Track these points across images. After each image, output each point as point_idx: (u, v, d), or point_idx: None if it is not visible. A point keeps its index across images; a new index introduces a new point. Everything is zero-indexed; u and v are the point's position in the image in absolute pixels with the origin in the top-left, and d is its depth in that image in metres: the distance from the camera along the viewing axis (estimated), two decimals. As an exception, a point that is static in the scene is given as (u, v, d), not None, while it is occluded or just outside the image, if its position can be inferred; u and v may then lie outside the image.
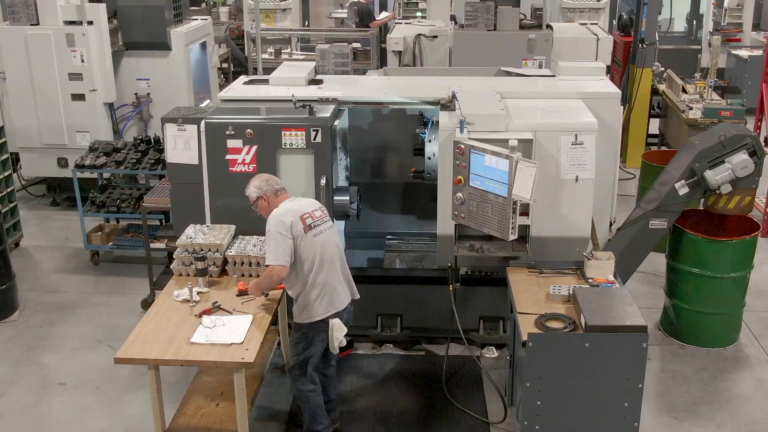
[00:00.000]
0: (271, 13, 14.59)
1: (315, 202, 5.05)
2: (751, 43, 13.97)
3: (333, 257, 4.88)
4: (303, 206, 4.90)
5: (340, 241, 5.07)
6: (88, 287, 7.41)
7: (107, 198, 7.72)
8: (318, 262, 4.79)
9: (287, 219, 4.75)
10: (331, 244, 4.89)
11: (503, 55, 8.12)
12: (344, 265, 5.02)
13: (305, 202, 4.99)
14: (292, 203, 4.92)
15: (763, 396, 5.66)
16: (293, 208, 4.86)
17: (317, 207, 4.99)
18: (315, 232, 4.82)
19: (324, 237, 4.86)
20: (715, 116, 8.88)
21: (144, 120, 9.46)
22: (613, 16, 14.11)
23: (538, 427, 4.60)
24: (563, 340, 4.48)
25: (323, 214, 4.97)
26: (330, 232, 4.94)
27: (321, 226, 4.87)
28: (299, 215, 4.79)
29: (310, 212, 4.87)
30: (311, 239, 4.78)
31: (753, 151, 5.75)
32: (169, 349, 4.52)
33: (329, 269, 4.85)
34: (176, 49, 9.27)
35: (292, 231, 4.72)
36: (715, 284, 6.10)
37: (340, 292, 4.90)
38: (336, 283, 4.89)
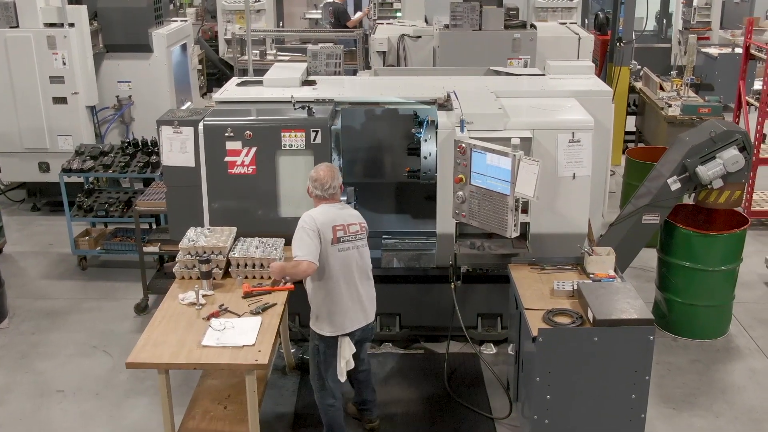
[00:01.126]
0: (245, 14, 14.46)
1: (357, 217, 4.91)
2: (719, 41, 14.27)
3: (352, 276, 4.81)
4: (342, 216, 4.81)
5: (366, 261, 4.92)
6: (78, 293, 7.32)
7: (94, 202, 7.63)
8: (335, 277, 4.75)
9: (318, 220, 4.72)
10: (353, 263, 4.81)
11: (488, 54, 8.17)
12: (365, 286, 4.90)
13: (347, 214, 4.88)
14: (333, 209, 4.82)
15: (757, 385, 5.81)
16: (330, 215, 4.77)
17: (356, 222, 4.87)
18: (341, 247, 4.76)
19: (349, 254, 4.78)
20: (693, 113, 9.08)
21: (125, 123, 9.36)
22: (586, 15, 14.28)
23: (547, 421, 4.67)
24: (572, 334, 4.56)
25: (360, 230, 4.86)
26: (358, 251, 4.84)
27: (351, 242, 4.79)
28: (333, 225, 4.74)
29: (345, 225, 4.79)
30: (335, 252, 4.73)
31: (743, 146, 5.89)
32: (180, 352, 4.49)
33: (346, 287, 4.80)
34: (158, 51, 9.20)
35: (320, 236, 4.69)
36: (706, 277, 6.24)
37: (352, 313, 4.83)
38: (349, 303, 4.81)
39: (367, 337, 5.06)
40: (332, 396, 4.96)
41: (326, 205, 4.85)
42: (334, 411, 4.99)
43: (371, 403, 5.32)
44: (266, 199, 5.76)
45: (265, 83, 6.45)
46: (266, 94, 6.23)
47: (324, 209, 4.82)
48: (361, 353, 5.11)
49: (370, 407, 5.32)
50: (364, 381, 5.27)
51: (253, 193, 5.75)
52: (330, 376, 4.91)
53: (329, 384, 4.91)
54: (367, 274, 4.94)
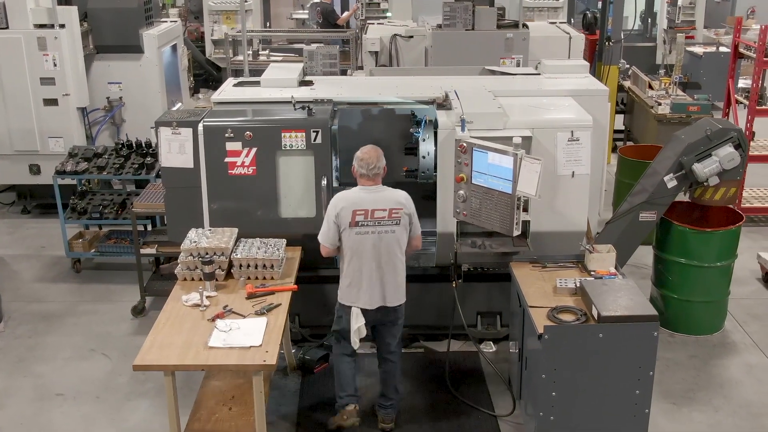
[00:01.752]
0: (232, 15, 14.42)
1: (391, 202, 4.99)
2: (704, 40, 14.40)
3: (367, 258, 4.96)
4: (369, 201, 4.96)
5: (389, 247, 5.00)
6: (73, 296, 7.26)
7: (88, 204, 7.58)
8: (352, 257, 4.99)
9: (339, 206, 4.96)
10: (370, 246, 4.95)
11: (481, 54, 8.22)
12: (385, 270, 4.99)
13: (380, 197, 4.99)
14: (364, 192, 5.00)
15: (754, 380, 5.88)
16: (353, 198, 4.98)
17: (386, 208, 4.96)
18: (359, 230, 4.95)
19: (367, 238, 4.95)
20: (683, 111, 9.18)
21: (116, 124, 9.29)
22: (572, 15, 14.36)
23: (553, 417, 4.70)
24: (578, 331, 4.60)
25: (388, 217, 4.96)
26: (379, 236, 4.95)
27: (371, 227, 4.94)
28: (354, 208, 4.93)
29: (370, 210, 4.94)
30: (353, 235, 4.95)
31: (738, 143, 5.96)
32: (187, 354, 4.48)
33: (363, 267, 4.98)
34: (149, 52, 9.14)
35: (339, 219, 4.95)
36: (702, 273, 6.31)
37: (366, 292, 4.99)
38: (364, 283, 4.98)
39: (387, 321, 5.15)
40: (343, 347, 5.18)
41: (361, 187, 5.04)
42: (343, 363, 5.21)
43: (390, 401, 5.30)
44: (266, 199, 5.76)
45: (263, 84, 6.45)
46: (264, 95, 6.22)
47: (355, 191, 5.03)
48: (386, 338, 5.23)
49: (387, 405, 5.30)
50: (388, 373, 5.29)
51: (253, 193, 5.75)
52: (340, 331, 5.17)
53: (345, 343, 5.15)
54: (389, 260, 5.00)
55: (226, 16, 14.49)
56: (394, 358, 5.29)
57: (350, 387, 5.23)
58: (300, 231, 5.80)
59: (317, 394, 5.73)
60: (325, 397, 5.67)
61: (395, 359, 5.29)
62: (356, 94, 6.33)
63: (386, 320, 5.15)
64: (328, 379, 5.87)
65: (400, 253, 5.06)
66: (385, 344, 5.25)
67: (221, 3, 14.26)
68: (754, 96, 8.18)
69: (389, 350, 5.26)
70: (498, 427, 5.37)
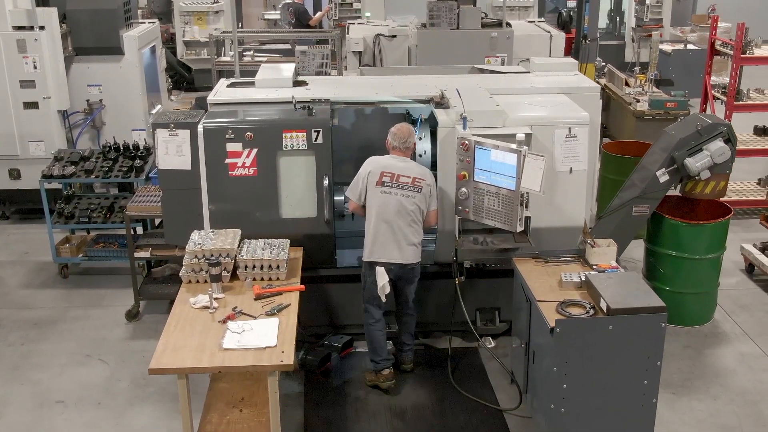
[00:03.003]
0: (204, 15, 14.35)
1: (416, 172, 5.47)
2: (671, 38, 14.72)
3: (389, 216, 5.42)
4: (397, 167, 5.44)
5: (409, 208, 5.43)
6: (63, 301, 7.14)
7: (74, 208, 7.46)
8: (375, 214, 5.44)
9: (369, 167, 5.48)
10: (392, 206, 5.41)
11: (466, 53, 8.33)
12: (404, 229, 5.44)
13: (407, 166, 5.48)
14: (394, 160, 5.50)
15: (747, 368, 6.04)
16: (384, 162, 5.49)
17: (410, 176, 5.43)
18: (383, 190, 5.42)
19: (390, 198, 5.41)
20: (660, 107, 9.35)
21: (96, 127, 9.17)
22: (542, 14, 14.56)
23: (563, 409, 4.77)
24: (588, 324, 4.67)
25: (411, 183, 5.42)
26: (400, 198, 5.41)
27: (395, 189, 5.42)
28: (382, 170, 5.43)
29: (396, 174, 5.42)
30: (377, 193, 5.43)
31: (728, 138, 6.12)
32: (202, 356, 4.45)
33: (384, 225, 5.43)
34: (129, 54, 9.03)
35: (367, 179, 5.44)
36: (693, 265, 6.46)
37: (387, 248, 5.45)
38: (386, 240, 5.44)
39: (406, 277, 5.61)
40: (372, 316, 5.65)
41: (393, 155, 5.53)
42: (373, 329, 5.65)
43: (407, 347, 5.86)
44: (267, 200, 5.75)
45: (257, 84, 6.42)
46: (260, 95, 6.20)
47: (388, 157, 5.54)
48: (404, 294, 5.73)
49: (405, 350, 5.86)
50: (406, 324, 5.84)
51: (254, 194, 5.73)
52: (368, 299, 5.61)
53: (369, 307, 5.63)
54: (409, 220, 5.46)
55: (198, 17, 14.41)
56: (411, 312, 5.82)
57: (383, 352, 5.66)
58: (301, 231, 5.80)
59: (322, 394, 5.73)
60: (331, 396, 5.69)
61: (412, 312, 5.83)
62: (352, 93, 6.34)
63: (405, 276, 5.58)
64: (333, 379, 5.90)
65: (418, 217, 5.51)
66: (404, 301, 5.75)
67: (192, 4, 14.17)
68: (731, 92, 8.38)
69: (408, 306, 5.78)
70: (504, 421, 5.43)
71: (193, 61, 14.11)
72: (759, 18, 9.80)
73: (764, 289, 7.26)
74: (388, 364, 5.66)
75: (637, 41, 14.51)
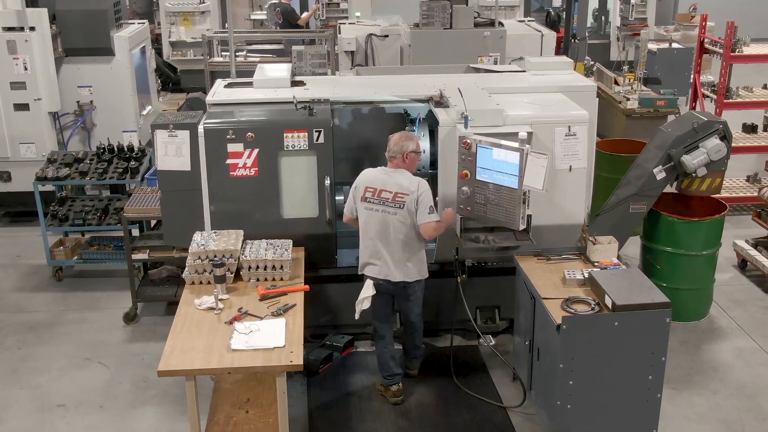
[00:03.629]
0: (190, 16, 14.28)
1: (400, 186, 5.27)
2: (655, 37, 14.82)
3: (372, 233, 5.34)
4: (381, 181, 5.31)
5: (393, 227, 5.30)
6: (58, 304, 7.08)
7: (68, 211, 7.40)
8: (362, 230, 5.41)
9: (359, 180, 5.41)
10: (374, 223, 5.32)
11: (459, 52, 8.35)
12: (388, 247, 5.32)
13: (391, 180, 5.30)
14: (381, 172, 5.38)
15: (744, 363, 6.12)
16: (371, 175, 5.38)
17: (392, 191, 5.27)
18: (367, 206, 5.33)
19: (372, 213, 5.32)
20: (650, 105, 9.44)
21: (87, 129, 9.10)
22: (528, 13, 14.62)
23: (569, 406, 4.81)
24: (595, 321, 4.71)
25: (392, 199, 5.27)
26: (382, 215, 5.29)
27: (377, 205, 5.30)
28: (366, 185, 5.34)
29: (377, 189, 5.30)
30: (362, 209, 5.37)
31: (723, 135, 6.18)
32: (211, 357, 4.43)
33: (369, 241, 5.37)
34: (120, 55, 8.97)
35: (355, 191, 5.39)
36: (689, 262, 6.52)
37: (374, 263, 5.39)
38: (368, 253, 5.39)
39: (399, 295, 5.50)
40: (378, 333, 5.62)
41: (384, 168, 5.42)
42: (379, 345, 5.63)
43: (412, 354, 5.84)
44: (269, 200, 5.74)
45: (255, 84, 6.40)
46: (259, 96, 6.17)
47: (377, 171, 5.42)
48: (403, 311, 5.64)
49: (410, 357, 5.84)
50: (407, 336, 5.81)
51: (255, 195, 5.72)
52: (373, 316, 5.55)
53: (375, 323, 5.60)
54: (392, 238, 5.31)
55: (184, 18, 14.33)
56: (417, 326, 5.70)
57: (389, 369, 5.60)
58: (302, 231, 5.80)
59: (326, 394, 5.73)
60: (334, 396, 5.70)
61: (417, 326, 5.71)
62: (350, 93, 6.34)
63: (398, 293, 5.48)
64: (335, 379, 5.90)
65: (404, 234, 5.32)
66: (403, 315, 5.68)
67: (178, 4, 14.09)
68: (721, 90, 8.47)
69: (410, 320, 5.66)
70: (509, 418, 5.46)
71: (180, 62, 14.02)
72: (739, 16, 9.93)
73: (757, 285, 7.35)
74: (396, 380, 5.59)
75: (623, 40, 14.61)
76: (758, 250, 7.44)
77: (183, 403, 5.57)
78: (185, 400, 5.49)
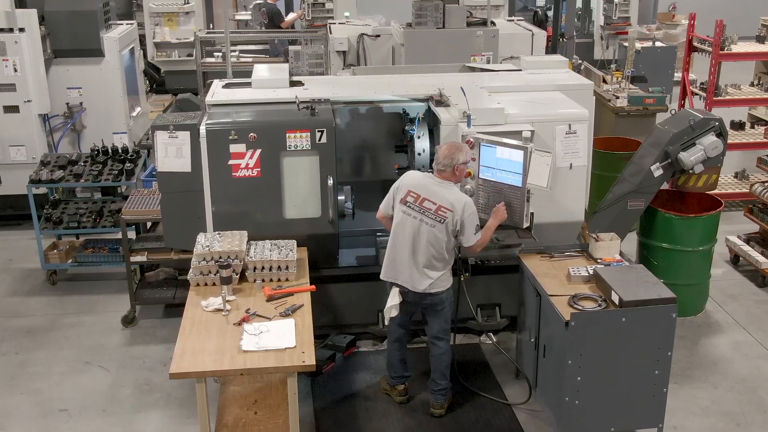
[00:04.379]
0: (174, 17, 14.18)
1: (444, 200, 5.08)
2: (638, 36, 14.96)
3: (404, 238, 5.18)
4: (426, 189, 5.14)
5: (427, 238, 5.13)
6: (54, 308, 7.00)
7: (62, 213, 7.33)
8: (393, 232, 5.27)
9: (400, 181, 5.27)
10: (408, 229, 5.16)
11: (452, 52, 8.37)
12: (415, 256, 5.16)
13: (436, 191, 5.11)
14: (427, 179, 5.21)
15: (743, 356, 6.20)
16: (416, 180, 5.23)
17: (436, 203, 5.08)
18: (405, 210, 5.19)
19: (408, 219, 5.17)
20: (639, 104, 9.49)
21: (77, 131, 9.01)
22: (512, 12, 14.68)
23: (578, 402, 4.85)
24: (603, 317, 4.75)
25: (435, 212, 5.09)
26: (418, 223, 5.13)
27: (415, 212, 5.15)
28: (410, 188, 5.18)
29: (421, 197, 5.13)
30: (399, 211, 5.22)
31: (719, 132, 6.26)
32: (222, 359, 4.41)
33: (398, 245, 5.23)
34: (110, 56, 8.89)
35: (397, 192, 5.24)
36: (686, 257, 6.59)
37: (399, 269, 5.24)
38: (399, 260, 5.23)
39: (422, 305, 5.32)
40: (391, 333, 5.52)
41: (431, 175, 5.24)
42: (391, 347, 5.56)
43: (438, 386, 5.45)
44: (271, 201, 5.72)
45: (254, 85, 6.37)
46: (259, 96, 6.14)
47: (423, 176, 5.29)
48: (428, 322, 5.41)
49: (435, 390, 5.46)
50: (434, 358, 5.44)
51: (258, 195, 5.69)
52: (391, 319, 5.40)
53: (390, 325, 5.46)
54: (422, 249, 5.14)
55: (168, 18, 14.23)
56: (441, 344, 5.41)
57: (398, 371, 5.57)
58: (305, 231, 5.78)
59: (330, 394, 5.73)
60: (338, 396, 5.70)
61: (442, 345, 5.41)
62: (350, 93, 6.33)
63: (423, 303, 5.31)
64: (338, 379, 5.89)
65: (437, 248, 5.14)
66: (428, 327, 5.45)
67: (162, 5, 14.00)
68: (711, 88, 8.57)
69: (433, 334, 5.42)
70: (514, 415, 5.48)
71: (165, 63, 13.94)
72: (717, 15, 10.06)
73: (750, 279, 7.45)
74: (402, 381, 5.59)
75: (606, 39, 14.76)
76: (751, 246, 7.55)
77: (187, 406, 5.57)
78: (189, 403, 5.54)
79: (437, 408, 5.47)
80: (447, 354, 5.44)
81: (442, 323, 5.38)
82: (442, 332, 5.39)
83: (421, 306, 5.34)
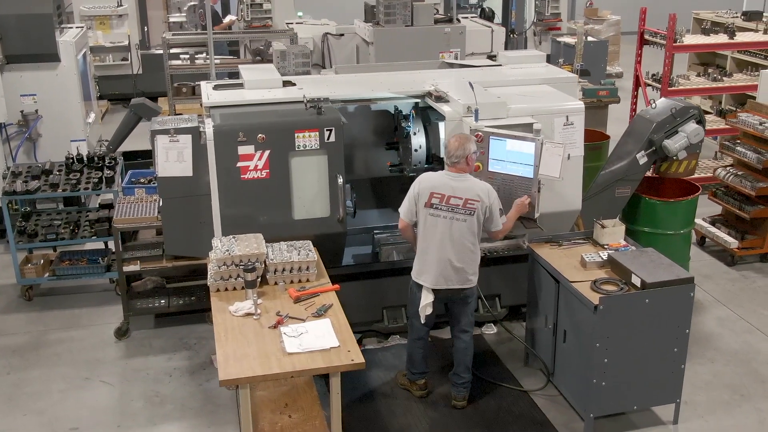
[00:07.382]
0: (107, 20, 13.74)
1: (469, 192, 5.14)
2: (567, 31, 15.45)
3: (436, 240, 5.19)
4: (448, 186, 5.16)
5: (460, 234, 5.18)
6: (36, 325, 6.70)
7: (36, 225, 7.01)
8: (422, 236, 5.26)
9: (417, 187, 5.24)
10: (440, 228, 5.17)
11: (421, 48, 8.46)
12: (450, 254, 5.18)
13: (459, 185, 5.15)
14: (445, 177, 5.21)
15: (730, 331, 6.53)
16: (435, 181, 5.21)
17: (461, 197, 5.13)
18: (432, 212, 5.19)
19: (437, 220, 5.18)
20: (594, 96, 9.83)
21: (32, 140, 8.62)
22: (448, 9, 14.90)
23: (604, 383, 5.02)
24: (629, 300, 4.93)
25: (462, 206, 5.13)
26: (450, 221, 5.16)
27: (444, 211, 5.16)
28: (431, 191, 5.17)
29: (445, 195, 5.15)
30: (426, 215, 5.21)
31: (699, 119, 6.57)
32: (269, 363, 4.33)
33: (430, 248, 5.22)
34: (66, 60, 8.54)
35: (417, 199, 5.22)
36: (668, 240, 6.86)
37: (432, 271, 5.23)
38: (431, 261, 5.23)
39: (454, 299, 5.36)
40: (414, 331, 5.51)
41: (445, 172, 5.25)
42: (412, 342, 5.57)
43: (461, 380, 5.52)
44: (280, 202, 5.65)
45: (247, 86, 6.26)
46: (254, 96, 6.04)
47: (440, 174, 5.26)
48: (456, 316, 5.46)
49: (458, 383, 5.53)
50: (459, 351, 5.51)
51: (267, 197, 5.62)
52: (412, 314, 5.47)
53: (414, 321, 5.47)
54: (457, 245, 5.19)
55: (100, 22, 13.78)
56: (466, 338, 5.47)
57: (420, 365, 5.60)
58: (314, 231, 5.73)
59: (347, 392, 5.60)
60: (357, 395, 5.68)
61: (467, 338, 5.48)
62: (344, 91, 6.30)
63: (456, 298, 5.37)
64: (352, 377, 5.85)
65: (470, 242, 5.21)
66: (456, 321, 5.49)
67: (95, 8, 13.54)
68: (666, 79, 8.96)
69: (460, 328, 5.47)
70: (533, 401, 5.61)
71: (99, 68, 13.47)
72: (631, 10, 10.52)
73: (719, 259, 7.84)
74: (423, 376, 5.63)
75: (539, 35, 15.15)
76: (717, 227, 7.94)
77: (204, 415, 5.46)
78: (205, 412, 5.45)
79: (460, 400, 5.53)
80: (471, 347, 5.52)
81: (469, 316, 5.45)
82: (468, 325, 5.46)
83: (453, 301, 5.38)
